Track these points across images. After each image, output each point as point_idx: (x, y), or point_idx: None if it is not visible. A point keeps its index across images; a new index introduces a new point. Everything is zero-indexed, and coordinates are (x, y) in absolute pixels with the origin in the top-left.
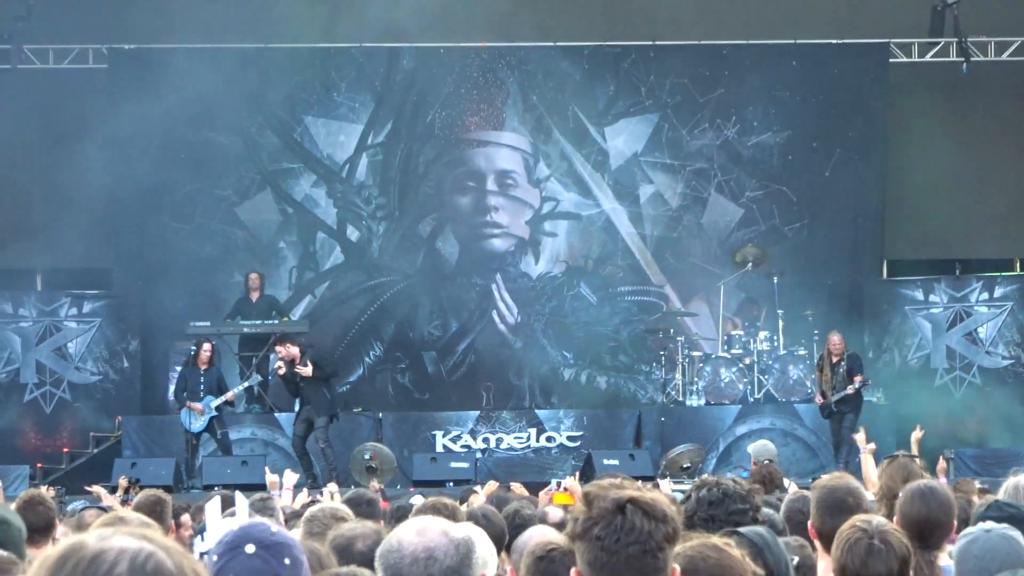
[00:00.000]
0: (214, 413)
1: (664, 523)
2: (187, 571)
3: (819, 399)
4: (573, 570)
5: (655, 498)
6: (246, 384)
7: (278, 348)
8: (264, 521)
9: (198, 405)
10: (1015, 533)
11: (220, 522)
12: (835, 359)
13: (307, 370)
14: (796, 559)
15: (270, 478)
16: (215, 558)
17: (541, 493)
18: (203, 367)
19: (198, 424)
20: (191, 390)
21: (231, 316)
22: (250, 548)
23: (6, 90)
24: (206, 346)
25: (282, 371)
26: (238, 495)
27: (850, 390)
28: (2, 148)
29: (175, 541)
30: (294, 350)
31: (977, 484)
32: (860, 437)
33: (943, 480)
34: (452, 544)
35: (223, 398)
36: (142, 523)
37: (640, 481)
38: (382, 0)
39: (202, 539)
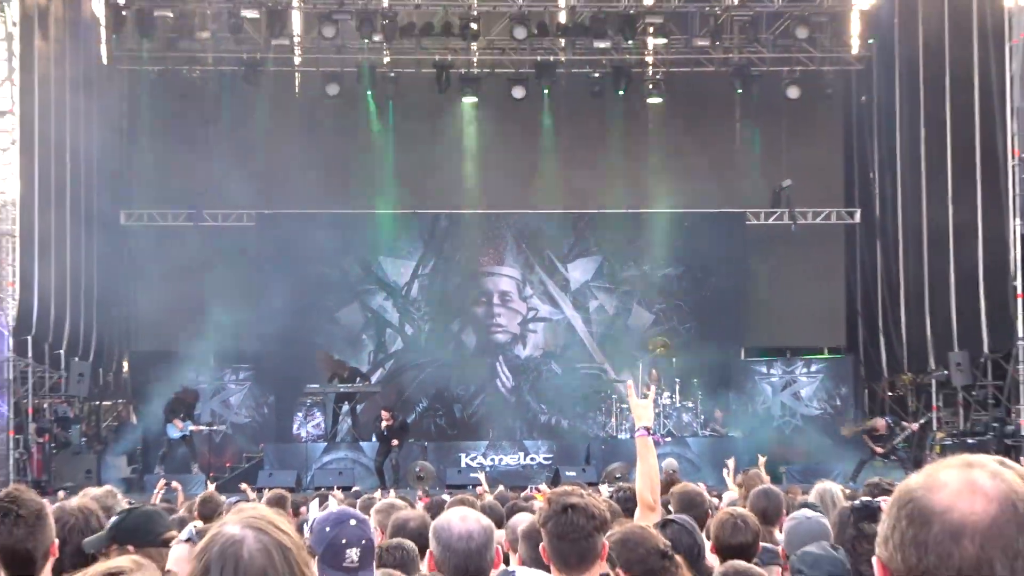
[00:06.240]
0: (186, 433)
1: (594, 519)
2: (287, 544)
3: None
4: (540, 546)
5: (589, 503)
6: (190, 430)
7: (384, 414)
8: (350, 508)
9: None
10: (823, 519)
11: (320, 510)
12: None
13: (395, 442)
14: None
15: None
16: (327, 528)
17: (523, 493)
18: None
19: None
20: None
21: (330, 380)
22: (352, 521)
23: (193, 238)
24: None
25: (386, 427)
26: (331, 495)
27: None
28: (192, 278)
29: (292, 523)
30: (387, 415)
31: (800, 490)
32: (761, 461)
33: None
34: (483, 528)
35: (190, 428)
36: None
37: (588, 487)
38: (432, 181)
39: (308, 525)
